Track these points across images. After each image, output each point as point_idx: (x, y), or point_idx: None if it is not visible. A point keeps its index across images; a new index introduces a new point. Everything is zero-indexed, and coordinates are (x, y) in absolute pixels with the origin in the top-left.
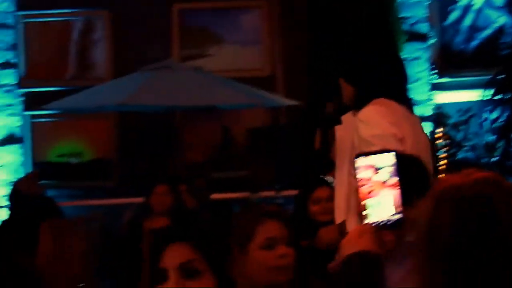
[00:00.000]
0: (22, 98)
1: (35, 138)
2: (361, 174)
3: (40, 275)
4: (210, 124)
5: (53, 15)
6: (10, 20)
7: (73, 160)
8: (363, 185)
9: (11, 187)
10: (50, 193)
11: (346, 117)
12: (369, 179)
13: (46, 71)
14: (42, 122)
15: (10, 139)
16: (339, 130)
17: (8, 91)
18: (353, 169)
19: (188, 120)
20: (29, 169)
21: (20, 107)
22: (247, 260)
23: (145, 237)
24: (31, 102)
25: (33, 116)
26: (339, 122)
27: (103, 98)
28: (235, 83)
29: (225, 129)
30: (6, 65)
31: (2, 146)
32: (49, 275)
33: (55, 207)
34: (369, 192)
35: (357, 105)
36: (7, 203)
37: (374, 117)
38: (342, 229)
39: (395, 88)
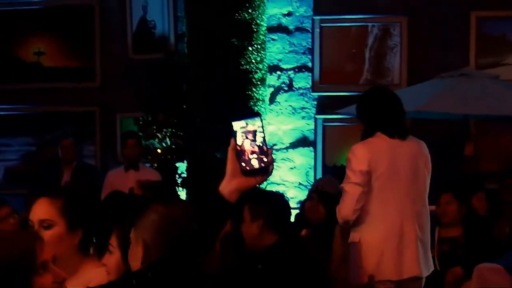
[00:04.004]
0: (315, 102)
1: (326, 141)
2: (240, 137)
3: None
4: (506, 134)
5: (350, 20)
6: (307, 24)
7: None
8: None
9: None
10: None
11: None
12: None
13: (339, 76)
14: (334, 126)
15: (303, 142)
16: None
17: (302, 94)
18: None
19: (484, 129)
20: (319, 172)
21: (313, 110)
22: None
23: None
24: (323, 106)
25: (326, 120)
26: None
27: None
28: None
29: None
30: (302, 68)
31: (294, 148)
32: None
33: None
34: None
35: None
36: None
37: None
38: None
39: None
